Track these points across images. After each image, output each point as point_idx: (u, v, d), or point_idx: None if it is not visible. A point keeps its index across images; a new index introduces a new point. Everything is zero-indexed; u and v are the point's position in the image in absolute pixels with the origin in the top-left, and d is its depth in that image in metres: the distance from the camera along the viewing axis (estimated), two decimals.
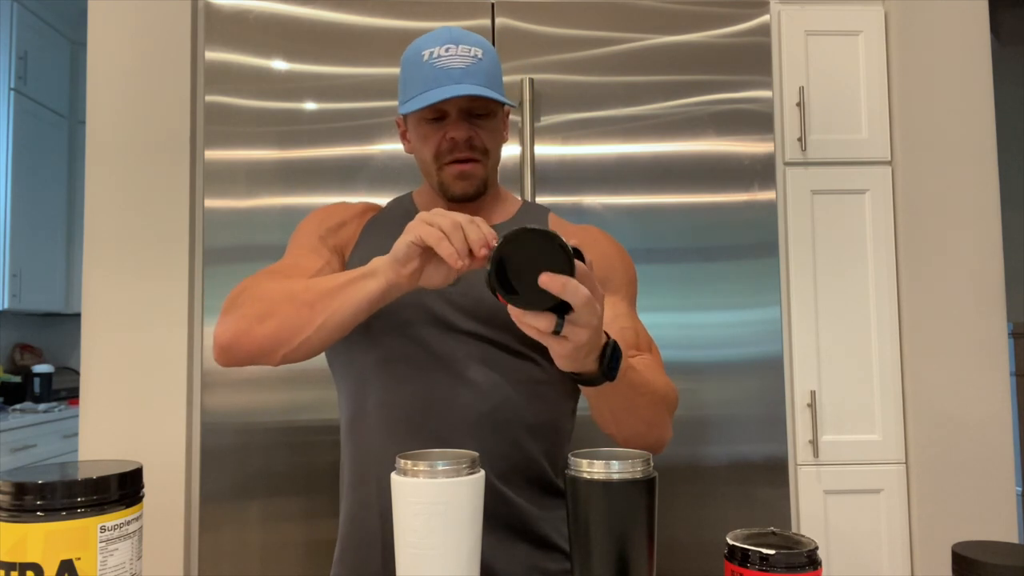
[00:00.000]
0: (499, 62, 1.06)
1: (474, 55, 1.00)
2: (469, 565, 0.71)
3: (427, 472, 0.70)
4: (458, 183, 1.04)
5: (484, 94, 0.97)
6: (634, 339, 1.03)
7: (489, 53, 1.03)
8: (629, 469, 0.69)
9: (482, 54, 1.01)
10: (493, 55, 1.04)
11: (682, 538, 1.64)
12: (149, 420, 1.63)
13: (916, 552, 1.71)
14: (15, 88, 3.60)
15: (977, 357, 1.74)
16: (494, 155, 1.07)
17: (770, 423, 1.69)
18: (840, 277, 1.77)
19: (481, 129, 1.03)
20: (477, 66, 0.99)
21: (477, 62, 1.00)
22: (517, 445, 0.98)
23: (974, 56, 1.79)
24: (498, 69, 1.05)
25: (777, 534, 0.68)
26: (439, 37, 1.01)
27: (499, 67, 1.06)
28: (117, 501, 0.70)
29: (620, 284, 1.08)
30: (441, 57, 0.99)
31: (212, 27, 1.68)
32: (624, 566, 0.68)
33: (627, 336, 1.02)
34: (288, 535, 1.60)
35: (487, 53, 1.02)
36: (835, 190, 1.78)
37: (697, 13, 1.75)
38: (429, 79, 0.99)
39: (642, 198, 1.71)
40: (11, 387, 3.76)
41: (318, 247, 1.07)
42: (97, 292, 1.65)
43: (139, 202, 1.67)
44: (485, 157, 1.04)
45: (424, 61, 1.00)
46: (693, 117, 1.73)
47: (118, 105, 1.69)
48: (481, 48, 1.01)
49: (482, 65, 1.00)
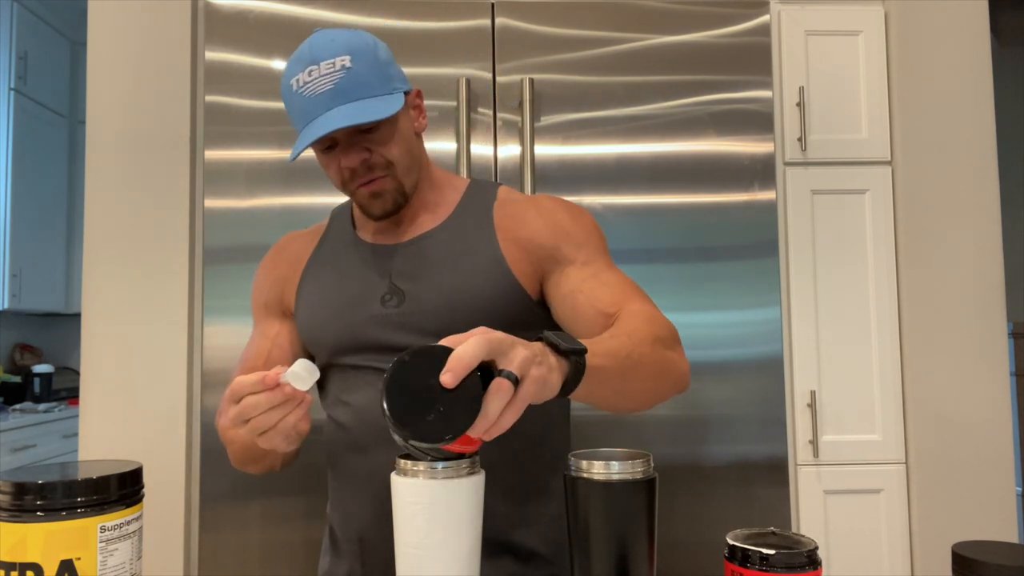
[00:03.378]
0: (376, 54, 0.97)
1: (341, 67, 0.93)
2: (469, 565, 0.71)
3: (427, 472, 0.70)
4: (374, 203, 1.00)
5: (343, 126, 0.91)
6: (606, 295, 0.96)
7: (359, 54, 0.94)
8: (629, 469, 0.69)
9: (349, 60, 0.93)
10: (367, 51, 0.95)
11: (682, 538, 1.64)
12: (149, 420, 1.63)
13: (916, 552, 1.71)
14: (15, 88, 3.59)
15: (977, 357, 1.74)
16: (401, 161, 1.00)
17: (770, 423, 1.69)
18: (840, 277, 1.77)
19: (376, 144, 0.97)
20: (346, 79, 0.92)
21: (345, 74, 0.92)
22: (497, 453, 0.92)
23: (974, 56, 1.79)
24: (374, 65, 0.96)
25: (777, 534, 0.68)
26: (301, 59, 0.95)
27: (377, 61, 0.96)
28: (117, 501, 0.70)
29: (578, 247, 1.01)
30: (306, 84, 0.93)
31: (212, 27, 1.68)
32: (624, 566, 0.68)
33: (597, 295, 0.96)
34: (288, 535, 1.60)
35: (356, 56, 0.94)
36: (835, 190, 1.78)
37: (697, 13, 1.75)
38: (303, 112, 0.94)
39: (642, 198, 1.71)
40: (11, 387, 3.76)
41: (265, 322, 1.12)
42: (97, 292, 1.65)
43: (139, 202, 1.67)
44: (390, 169, 0.99)
45: (293, 91, 0.95)
46: (693, 117, 1.73)
47: (118, 105, 1.69)
48: (348, 54, 0.93)
49: (352, 75, 0.93)
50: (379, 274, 1.03)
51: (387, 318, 0.99)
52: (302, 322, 1.07)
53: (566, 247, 1.01)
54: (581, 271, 0.99)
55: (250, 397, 0.77)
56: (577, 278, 0.99)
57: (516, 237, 1.01)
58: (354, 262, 1.06)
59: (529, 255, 1.01)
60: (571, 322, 0.98)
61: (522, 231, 1.02)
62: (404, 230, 1.06)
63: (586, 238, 1.03)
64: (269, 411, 0.77)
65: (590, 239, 1.03)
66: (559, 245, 1.01)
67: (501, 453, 0.97)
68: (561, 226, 1.02)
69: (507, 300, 0.99)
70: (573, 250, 1.01)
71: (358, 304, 1.01)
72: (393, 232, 1.07)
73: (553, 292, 1.00)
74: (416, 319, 0.99)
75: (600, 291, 0.97)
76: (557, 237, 1.01)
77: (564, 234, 1.02)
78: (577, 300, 0.97)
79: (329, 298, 1.04)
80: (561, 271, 1.00)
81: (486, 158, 1.69)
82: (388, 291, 1.01)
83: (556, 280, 1.00)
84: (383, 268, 1.03)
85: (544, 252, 1.01)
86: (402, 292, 1.00)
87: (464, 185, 1.10)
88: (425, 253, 1.03)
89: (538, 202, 1.06)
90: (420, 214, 1.06)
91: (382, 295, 1.01)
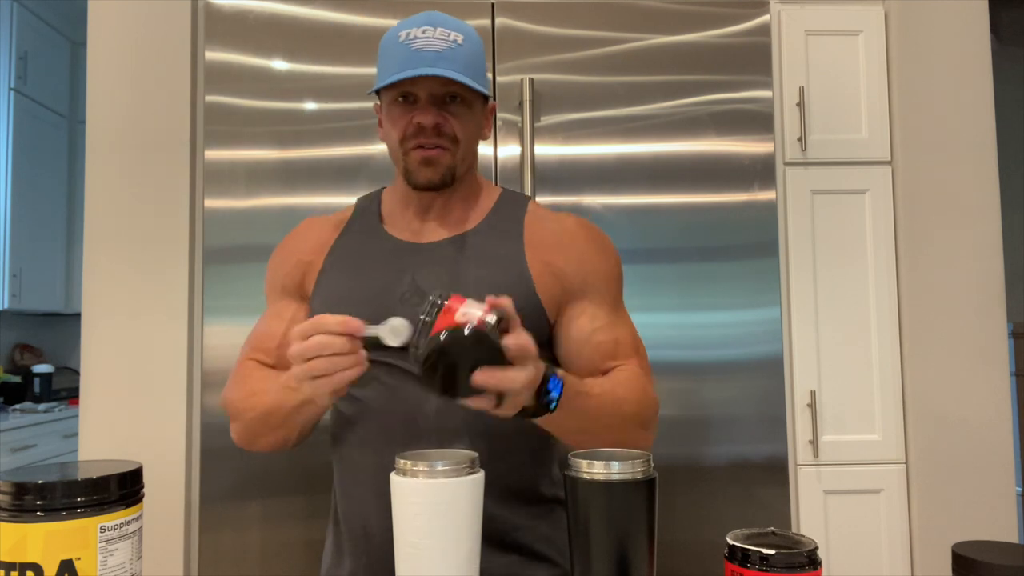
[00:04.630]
0: (482, 50, 1.02)
1: (453, 39, 0.96)
2: (469, 565, 0.71)
3: (427, 472, 0.70)
4: (422, 170, 0.99)
5: (452, 76, 0.93)
6: (612, 349, 1.01)
7: (471, 39, 0.99)
8: (629, 469, 0.69)
9: (462, 39, 0.96)
10: (476, 42, 1.00)
11: (682, 538, 1.64)
12: (149, 420, 1.63)
13: (916, 552, 1.71)
14: (15, 88, 3.59)
15: (977, 357, 1.74)
16: (466, 145, 1.01)
17: (770, 423, 1.69)
18: (840, 277, 1.77)
19: (453, 116, 0.99)
20: (454, 51, 0.95)
21: (455, 47, 0.95)
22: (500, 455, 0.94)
23: (974, 56, 1.79)
24: (480, 58, 1.00)
25: (777, 534, 0.68)
26: (417, 19, 0.98)
27: (482, 56, 1.01)
28: (117, 501, 0.70)
29: (599, 287, 1.04)
30: (417, 39, 0.95)
31: (212, 27, 1.68)
32: (624, 566, 0.68)
33: (604, 349, 1.01)
34: (288, 535, 1.60)
35: (468, 39, 0.98)
36: (835, 190, 1.78)
37: (697, 13, 1.75)
38: (401, 60, 0.95)
39: (642, 198, 1.71)
40: (11, 387, 3.76)
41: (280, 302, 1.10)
42: (97, 292, 1.65)
43: (139, 202, 1.67)
44: (454, 145, 1.00)
45: (399, 42, 0.96)
46: (693, 117, 1.73)
47: (118, 105, 1.69)
48: (462, 33, 0.97)
49: (460, 51, 0.96)
50: (402, 271, 1.02)
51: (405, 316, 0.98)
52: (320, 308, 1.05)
53: (589, 288, 1.03)
54: (594, 318, 1.02)
55: (323, 337, 0.79)
56: (589, 326, 1.01)
57: (544, 259, 1.02)
58: (377, 256, 1.04)
59: (556, 280, 1.02)
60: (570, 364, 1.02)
61: (552, 256, 1.03)
62: (433, 229, 1.05)
63: (607, 279, 1.05)
64: (335, 357, 0.79)
65: (610, 281, 1.06)
66: (583, 282, 1.02)
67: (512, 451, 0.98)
68: (588, 261, 1.04)
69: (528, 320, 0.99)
70: (593, 291, 1.03)
71: (377, 299, 1.00)
72: (421, 230, 1.05)
73: (564, 328, 1.03)
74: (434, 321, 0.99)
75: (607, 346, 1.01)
76: (583, 273, 1.03)
77: (590, 271, 1.04)
78: (583, 349, 1.01)
79: (349, 289, 1.03)
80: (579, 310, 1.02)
81: (486, 158, 1.69)
82: (409, 290, 1.00)
83: (570, 315, 1.02)
84: (406, 266, 1.02)
85: (569, 283, 1.02)
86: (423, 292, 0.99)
87: (497, 194, 1.11)
88: (451, 257, 1.02)
89: (568, 227, 1.07)
90: (453, 212, 1.05)
91: (402, 293, 1.00)
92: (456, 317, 0.74)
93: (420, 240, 1.04)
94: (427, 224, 1.05)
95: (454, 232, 1.04)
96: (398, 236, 1.06)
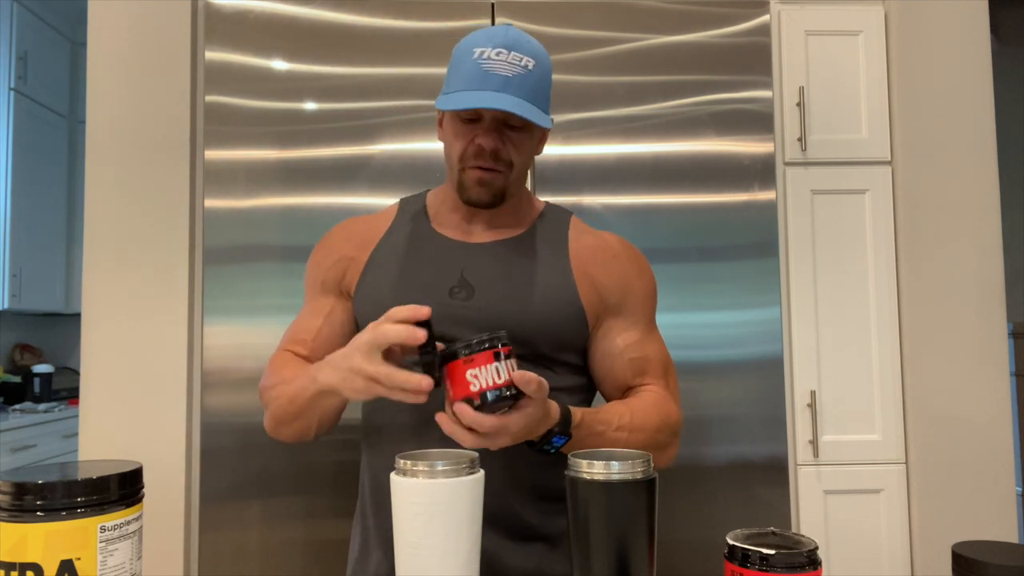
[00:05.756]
0: (550, 74, 1.03)
1: (524, 65, 0.97)
2: (469, 565, 0.71)
3: (427, 472, 0.70)
4: (476, 188, 1.03)
5: (515, 112, 0.95)
6: (642, 367, 1.06)
7: (542, 64, 1.00)
8: (629, 469, 0.69)
9: (533, 65, 0.98)
10: (546, 67, 1.02)
11: (682, 538, 1.64)
12: (149, 420, 1.63)
13: (916, 552, 1.71)
14: (15, 88, 3.59)
15: (977, 357, 1.74)
16: (519, 168, 1.05)
17: (770, 423, 1.69)
18: (840, 277, 1.77)
19: (511, 142, 1.02)
20: (524, 77, 0.97)
21: (525, 73, 0.97)
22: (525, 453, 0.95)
23: (974, 56, 1.79)
24: (547, 82, 1.02)
25: (777, 534, 0.68)
26: (494, 37, 0.99)
27: (549, 80, 1.03)
28: (117, 501, 0.70)
29: (634, 305, 1.08)
30: (490, 59, 0.97)
31: (212, 27, 1.68)
32: (624, 566, 0.68)
33: (635, 366, 1.05)
34: (288, 535, 1.60)
35: (539, 64, 1.00)
36: (835, 190, 1.78)
37: (697, 13, 1.75)
38: (471, 78, 0.97)
39: (642, 198, 1.71)
40: (11, 387, 3.76)
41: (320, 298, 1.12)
42: (97, 292, 1.65)
43: (139, 202, 1.67)
44: (509, 169, 1.03)
45: (472, 59, 0.98)
46: (693, 117, 1.73)
47: (118, 105, 1.69)
48: (534, 59, 0.99)
49: (530, 77, 0.98)
50: (451, 267, 1.04)
51: (452, 310, 1.00)
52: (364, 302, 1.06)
53: (626, 305, 1.07)
54: (628, 334, 1.06)
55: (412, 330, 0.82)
56: (622, 343, 1.06)
57: (586, 271, 1.06)
58: (427, 251, 1.07)
59: (597, 293, 1.05)
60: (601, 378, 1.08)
61: (593, 269, 1.06)
62: (481, 231, 1.08)
63: (643, 298, 1.10)
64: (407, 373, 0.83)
65: (647, 300, 1.10)
66: (621, 300, 1.06)
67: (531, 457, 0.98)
68: (628, 280, 1.08)
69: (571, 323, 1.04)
70: (629, 309, 1.07)
71: (427, 292, 1.02)
72: (469, 231, 1.08)
73: (598, 342, 1.07)
74: (482, 316, 1.00)
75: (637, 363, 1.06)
76: (622, 290, 1.07)
77: (628, 289, 1.08)
78: (615, 364, 1.06)
79: (398, 283, 1.05)
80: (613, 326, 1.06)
81: None
82: (458, 284, 1.02)
83: (604, 331, 1.06)
84: (455, 262, 1.05)
85: (607, 298, 1.06)
86: (472, 287, 1.02)
87: (542, 206, 1.15)
88: (501, 257, 1.05)
89: (610, 244, 1.11)
90: (500, 218, 1.08)
91: (451, 287, 1.02)
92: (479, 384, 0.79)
93: (469, 240, 1.07)
94: (474, 226, 1.09)
95: (502, 236, 1.08)
96: (448, 235, 1.08)
